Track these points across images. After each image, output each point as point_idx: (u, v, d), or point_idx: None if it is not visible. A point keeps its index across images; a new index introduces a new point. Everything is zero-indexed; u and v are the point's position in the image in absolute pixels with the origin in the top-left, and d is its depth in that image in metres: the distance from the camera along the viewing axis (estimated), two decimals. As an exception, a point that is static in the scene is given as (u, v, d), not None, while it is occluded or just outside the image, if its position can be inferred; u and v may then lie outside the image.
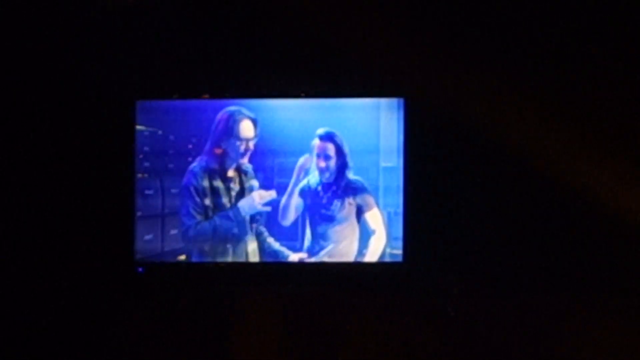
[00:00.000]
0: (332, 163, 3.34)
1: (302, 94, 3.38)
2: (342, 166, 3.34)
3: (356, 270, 3.39)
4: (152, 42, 3.42)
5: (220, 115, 3.33)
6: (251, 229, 3.36)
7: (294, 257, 3.37)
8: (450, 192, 3.40)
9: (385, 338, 3.31)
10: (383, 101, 3.35)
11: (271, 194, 3.36)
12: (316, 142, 3.32)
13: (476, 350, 3.28)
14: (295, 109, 3.36)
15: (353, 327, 3.31)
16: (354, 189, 3.36)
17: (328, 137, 3.33)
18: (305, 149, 3.35)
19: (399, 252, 3.33)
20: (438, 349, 3.29)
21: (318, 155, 3.33)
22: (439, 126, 3.37)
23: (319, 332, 3.32)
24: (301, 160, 3.33)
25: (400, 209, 3.32)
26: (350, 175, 3.36)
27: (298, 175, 3.32)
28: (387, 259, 3.36)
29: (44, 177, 3.42)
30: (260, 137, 3.34)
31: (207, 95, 3.38)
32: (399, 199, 3.33)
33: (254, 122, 3.33)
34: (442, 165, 3.39)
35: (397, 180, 3.33)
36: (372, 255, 3.36)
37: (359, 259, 3.36)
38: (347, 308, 3.33)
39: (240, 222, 3.35)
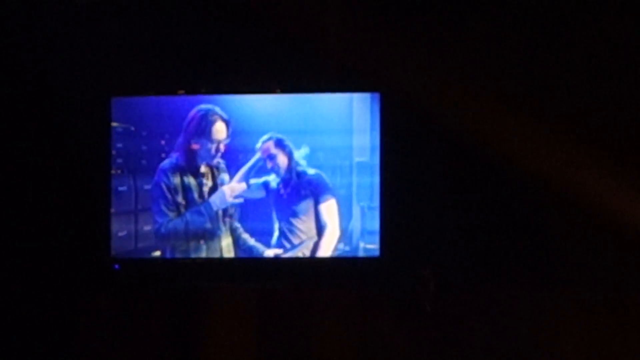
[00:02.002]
0: (279, 160, 3.33)
1: (278, 90, 3.37)
2: (290, 160, 3.33)
3: (332, 265, 3.37)
4: (126, 38, 3.42)
5: (194, 113, 3.32)
6: (224, 223, 3.35)
7: (269, 252, 3.35)
8: (427, 186, 3.37)
9: (361, 333, 3.30)
10: (356, 95, 3.33)
11: (242, 187, 3.34)
12: (258, 150, 3.33)
13: (453, 345, 3.27)
14: (268, 105, 3.35)
15: (329, 323, 3.30)
16: (309, 182, 3.34)
17: (267, 141, 3.33)
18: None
19: (374, 246, 3.31)
20: (415, 343, 3.28)
21: (265, 160, 3.34)
22: (415, 120, 3.35)
23: (294, 328, 3.32)
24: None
25: (374, 204, 3.30)
26: (308, 169, 3.34)
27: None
28: (362, 254, 3.33)
29: (18, 173, 3.42)
30: (233, 133, 3.33)
31: (182, 92, 3.38)
32: (372, 193, 3.30)
33: (227, 123, 3.31)
34: (418, 159, 3.37)
35: (371, 174, 3.31)
36: (324, 249, 3.34)
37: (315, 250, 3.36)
38: (322, 303, 3.32)
39: (212, 217, 3.34)
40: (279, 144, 3.32)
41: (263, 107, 3.35)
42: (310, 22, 3.35)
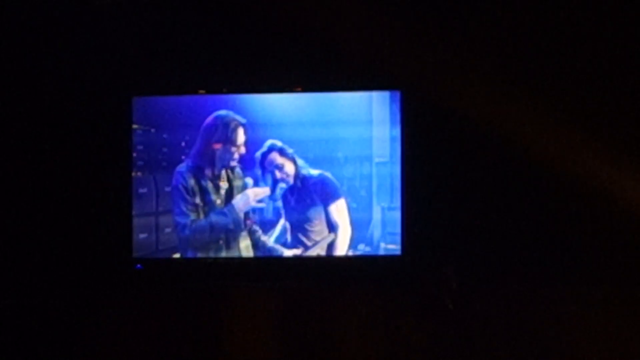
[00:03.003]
0: (287, 169, 3.34)
1: (298, 89, 3.37)
2: (296, 166, 3.33)
3: (354, 264, 3.36)
4: (147, 38, 3.41)
5: (211, 120, 3.33)
6: (245, 225, 3.35)
7: (288, 253, 3.35)
8: (448, 185, 3.37)
9: (384, 332, 3.29)
10: (375, 94, 3.34)
11: (265, 191, 3.35)
12: (259, 161, 3.34)
13: (475, 343, 3.26)
14: (286, 104, 3.35)
15: (351, 321, 3.29)
16: (315, 184, 3.35)
17: (268, 151, 3.34)
18: (295, 146, 3.36)
19: (395, 247, 3.31)
20: (437, 342, 3.27)
21: (272, 171, 3.35)
22: (436, 119, 3.35)
23: (316, 327, 3.31)
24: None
25: (395, 204, 3.30)
26: (311, 171, 3.35)
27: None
28: (383, 254, 3.33)
29: (39, 174, 3.41)
30: (251, 135, 3.34)
31: (203, 91, 3.38)
32: (392, 194, 3.30)
33: (244, 127, 3.33)
34: (438, 157, 3.36)
35: (390, 175, 3.31)
36: (340, 249, 3.35)
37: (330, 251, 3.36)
38: (345, 303, 3.31)
39: (235, 219, 3.34)
40: (282, 152, 3.34)
41: (279, 109, 3.36)
42: (330, 20, 3.34)
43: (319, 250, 3.36)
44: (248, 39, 3.41)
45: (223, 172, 3.36)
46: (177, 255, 3.37)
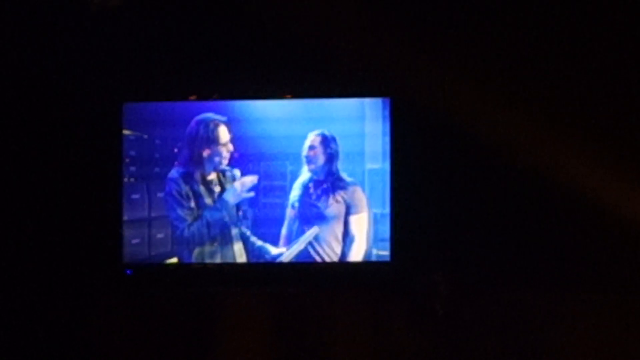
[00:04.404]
0: (318, 153, 3.34)
1: (289, 95, 3.38)
2: (330, 158, 3.33)
3: (344, 269, 3.39)
4: (138, 44, 3.41)
5: (193, 124, 3.34)
6: (239, 217, 3.37)
7: (275, 251, 3.37)
8: (438, 191, 3.38)
9: (373, 337, 3.31)
10: (367, 101, 3.34)
11: (252, 180, 3.36)
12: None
13: (465, 349, 3.29)
14: (278, 111, 3.37)
15: (341, 327, 3.32)
16: (344, 188, 3.35)
17: (318, 134, 3.35)
18: (289, 152, 3.36)
19: (385, 253, 3.33)
20: (427, 348, 3.30)
21: (307, 148, 3.35)
22: (426, 126, 3.36)
23: (307, 333, 3.33)
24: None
25: (387, 211, 3.31)
26: (345, 175, 3.35)
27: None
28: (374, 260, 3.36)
29: (30, 181, 3.43)
30: (243, 141, 3.35)
31: (194, 97, 3.38)
32: (385, 201, 3.32)
33: (227, 125, 3.34)
34: (428, 164, 3.37)
35: (383, 182, 3.32)
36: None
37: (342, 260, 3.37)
38: (335, 308, 3.34)
39: (229, 212, 3.36)
40: (324, 141, 3.33)
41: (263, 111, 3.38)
42: (320, 27, 3.33)
43: (301, 245, 3.36)
44: (239, 45, 3.42)
45: (214, 176, 3.37)
46: (173, 260, 3.39)
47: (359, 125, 3.35)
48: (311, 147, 3.34)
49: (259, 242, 3.38)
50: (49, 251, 3.42)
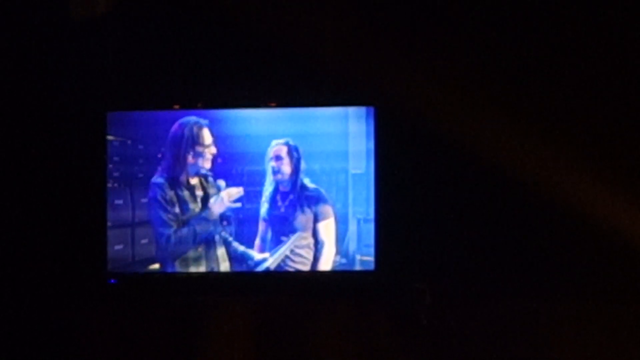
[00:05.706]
0: (284, 166, 3.34)
1: (273, 104, 3.39)
2: (295, 170, 3.33)
3: (328, 278, 3.37)
4: (122, 53, 3.44)
5: (177, 126, 3.34)
6: (222, 226, 3.37)
7: (259, 256, 3.36)
8: (422, 199, 3.38)
9: (357, 346, 3.29)
10: (351, 109, 3.35)
11: (239, 191, 3.36)
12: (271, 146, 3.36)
13: (449, 358, 3.26)
14: (262, 118, 3.38)
15: (325, 336, 3.30)
16: (310, 197, 3.35)
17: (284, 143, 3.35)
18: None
19: (370, 258, 3.31)
20: (410, 357, 3.27)
21: (272, 159, 3.36)
22: (409, 133, 3.36)
23: (291, 341, 3.31)
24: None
25: (371, 216, 3.30)
26: (308, 183, 3.35)
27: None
28: (358, 266, 3.34)
29: (14, 187, 3.44)
30: (226, 146, 3.36)
31: (177, 106, 3.40)
32: (368, 206, 3.31)
33: (209, 127, 3.35)
34: (413, 171, 3.37)
35: (367, 187, 3.31)
36: (322, 267, 3.36)
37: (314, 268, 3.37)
38: (319, 316, 3.32)
39: (215, 222, 3.36)
40: (290, 151, 3.34)
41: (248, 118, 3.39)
42: (305, 35, 3.36)
43: (286, 251, 3.36)
44: (223, 54, 3.43)
45: (197, 181, 3.37)
46: (155, 266, 3.38)
47: (343, 130, 3.35)
48: (277, 158, 3.34)
49: (242, 248, 3.38)
50: (31, 258, 3.41)
